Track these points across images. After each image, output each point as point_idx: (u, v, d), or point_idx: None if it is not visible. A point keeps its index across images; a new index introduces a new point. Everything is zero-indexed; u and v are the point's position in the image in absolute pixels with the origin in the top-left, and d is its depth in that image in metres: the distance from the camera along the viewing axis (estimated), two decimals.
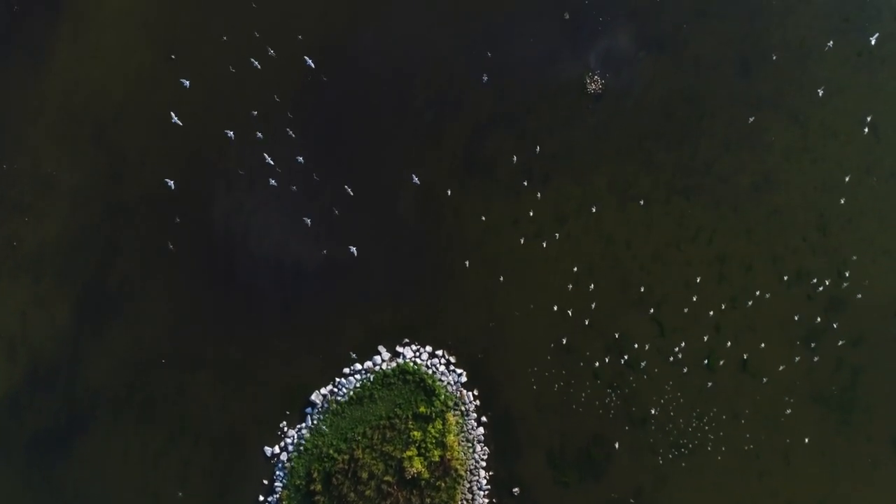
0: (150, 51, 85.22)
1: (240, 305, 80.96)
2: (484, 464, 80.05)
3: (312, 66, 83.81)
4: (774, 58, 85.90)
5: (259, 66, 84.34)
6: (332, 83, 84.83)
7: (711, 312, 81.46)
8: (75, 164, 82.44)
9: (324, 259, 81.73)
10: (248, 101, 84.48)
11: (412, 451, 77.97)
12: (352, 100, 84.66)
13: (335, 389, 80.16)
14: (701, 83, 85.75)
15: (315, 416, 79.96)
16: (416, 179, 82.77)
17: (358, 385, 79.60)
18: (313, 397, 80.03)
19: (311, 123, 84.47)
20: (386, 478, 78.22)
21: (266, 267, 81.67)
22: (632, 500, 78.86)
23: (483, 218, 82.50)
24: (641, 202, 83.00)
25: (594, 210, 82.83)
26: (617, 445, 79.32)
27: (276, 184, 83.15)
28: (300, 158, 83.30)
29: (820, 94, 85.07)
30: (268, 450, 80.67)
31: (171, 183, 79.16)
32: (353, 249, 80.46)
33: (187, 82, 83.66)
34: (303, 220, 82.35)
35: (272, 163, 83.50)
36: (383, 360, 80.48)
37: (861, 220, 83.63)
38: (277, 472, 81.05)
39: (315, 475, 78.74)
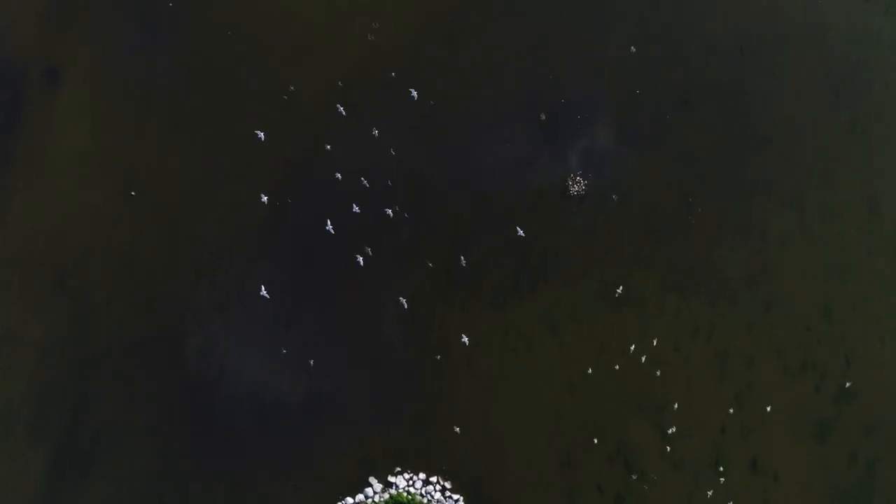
0: (109, 191, 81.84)
1: (220, 448, 77.29)
2: None
3: (265, 201, 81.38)
4: (764, 141, 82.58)
5: (220, 203, 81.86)
6: (296, 209, 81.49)
7: (715, 413, 78.21)
8: (38, 316, 78.92)
9: (305, 390, 78.26)
10: (213, 237, 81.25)
11: None
12: (318, 223, 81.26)
13: None
14: (688, 175, 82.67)
15: None
16: (402, 301, 79.54)
17: None
18: None
19: (278, 250, 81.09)
20: None
21: (246, 404, 78.03)
22: None
23: (470, 333, 79.00)
24: (635, 304, 79.64)
25: (586, 316, 79.55)
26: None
27: (250, 317, 79.73)
28: (264, 292, 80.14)
29: (815, 175, 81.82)
30: None
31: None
32: (466, 339, 77.84)
33: (262, 134, 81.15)
34: (280, 352, 78.83)
35: (246, 295, 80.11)
36: (375, 493, 76.92)
37: (866, 304, 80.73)
38: None
39: None
